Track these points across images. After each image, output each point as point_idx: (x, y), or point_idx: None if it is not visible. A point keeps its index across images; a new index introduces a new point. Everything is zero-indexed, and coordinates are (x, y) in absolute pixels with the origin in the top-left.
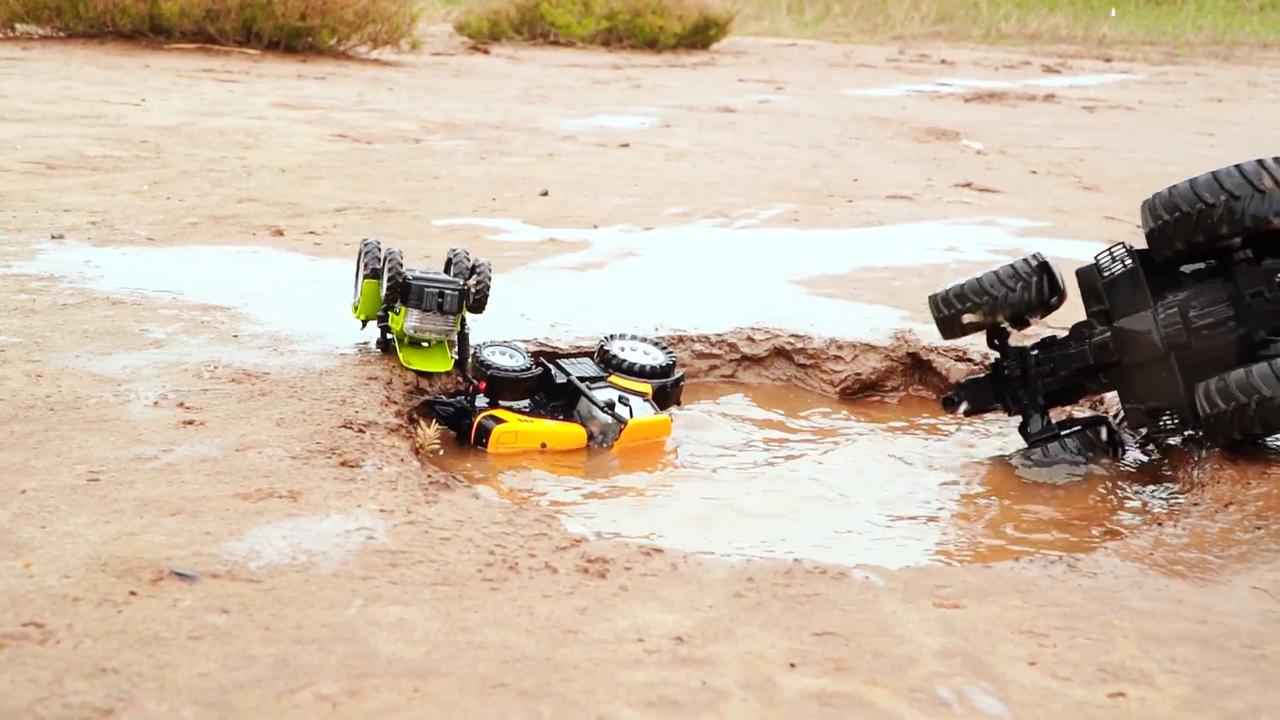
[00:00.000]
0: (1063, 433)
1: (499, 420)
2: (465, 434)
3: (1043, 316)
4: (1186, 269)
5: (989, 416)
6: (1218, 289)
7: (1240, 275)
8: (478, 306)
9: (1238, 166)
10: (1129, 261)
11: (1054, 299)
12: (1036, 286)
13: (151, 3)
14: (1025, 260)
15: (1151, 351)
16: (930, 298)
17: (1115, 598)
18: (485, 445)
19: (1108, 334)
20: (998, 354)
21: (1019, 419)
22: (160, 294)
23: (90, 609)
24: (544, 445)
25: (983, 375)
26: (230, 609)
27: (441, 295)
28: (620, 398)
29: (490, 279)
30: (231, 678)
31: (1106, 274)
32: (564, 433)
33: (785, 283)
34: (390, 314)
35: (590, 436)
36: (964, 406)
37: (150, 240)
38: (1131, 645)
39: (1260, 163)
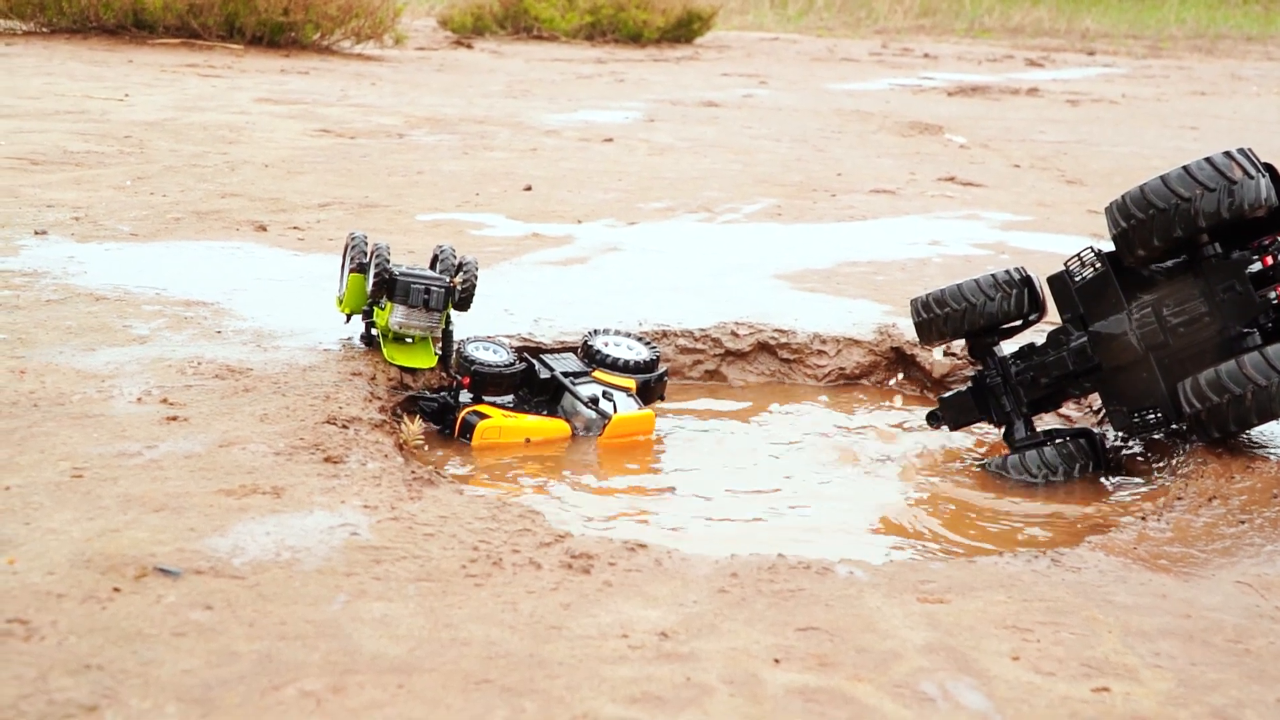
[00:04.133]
0: (1046, 443)
1: (483, 415)
2: (450, 429)
3: (1020, 330)
4: (1156, 268)
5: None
6: (1190, 286)
7: (1210, 270)
8: (463, 304)
9: (1208, 159)
10: (1099, 265)
11: (1033, 314)
12: (1016, 299)
13: None
14: (1008, 271)
15: (1130, 353)
16: (911, 302)
17: (1099, 592)
18: (469, 440)
19: (1084, 339)
20: (979, 365)
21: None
22: (143, 290)
23: (74, 605)
24: (528, 440)
25: (963, 390)
26: (214, 605)
27: (428, 292)
28: (604, 393)
29: (476, 277)
30: (215, 674)
31: (1078, 279)
32: (548, 427)
33: (769, 277)
34: (375, 309)
35: (574, 431)
36: (946, 425)
37: (133, 236)
38: (1115, 640)
39: (1228, 154)
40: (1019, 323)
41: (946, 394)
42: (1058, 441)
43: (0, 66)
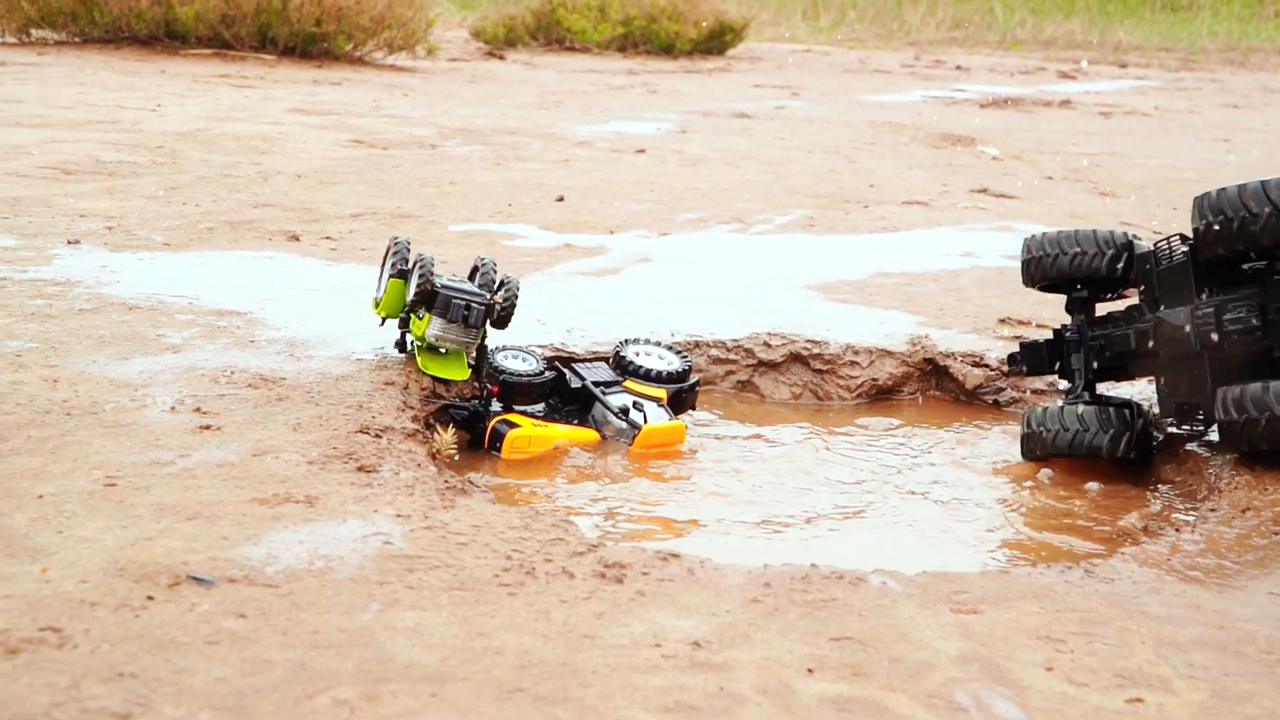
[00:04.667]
0: (1089, 400)
1: (513, 425)
2: (480, 438)
3: (1115, 294)
4: (1244, 267)
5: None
6: (1252, 296)
7: (1271, 288)
8: (502, 323)
9: None
10: (1181, 254)
11: (1125, 280)
12: (1110, 259)
13: (167, 8)
14: (1112, 231)
15: (1184, 347)
16: (1024, 241)
17: (1132, 603)
18: (499, 450)
19: (1150, 322)
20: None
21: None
22: (176, 299)
23: (107, 613)
24: (558, 449)
25: (1042, 340)
26: (247, 613)
27: (468, 309)
28: (634, 403)
29: (518, 296)
30: (248, 682)
31: (1161, 263)
32: (578, 437)
33: (801, 288)
34: (412, 317)
35: (604, 440)
36: (1024, 368)
37: (166, 245)
38: (1149, 651)
39: None
40: (1113, 286)
41: (1028, 340)
42: (1100, 404)
43: (33, 76)
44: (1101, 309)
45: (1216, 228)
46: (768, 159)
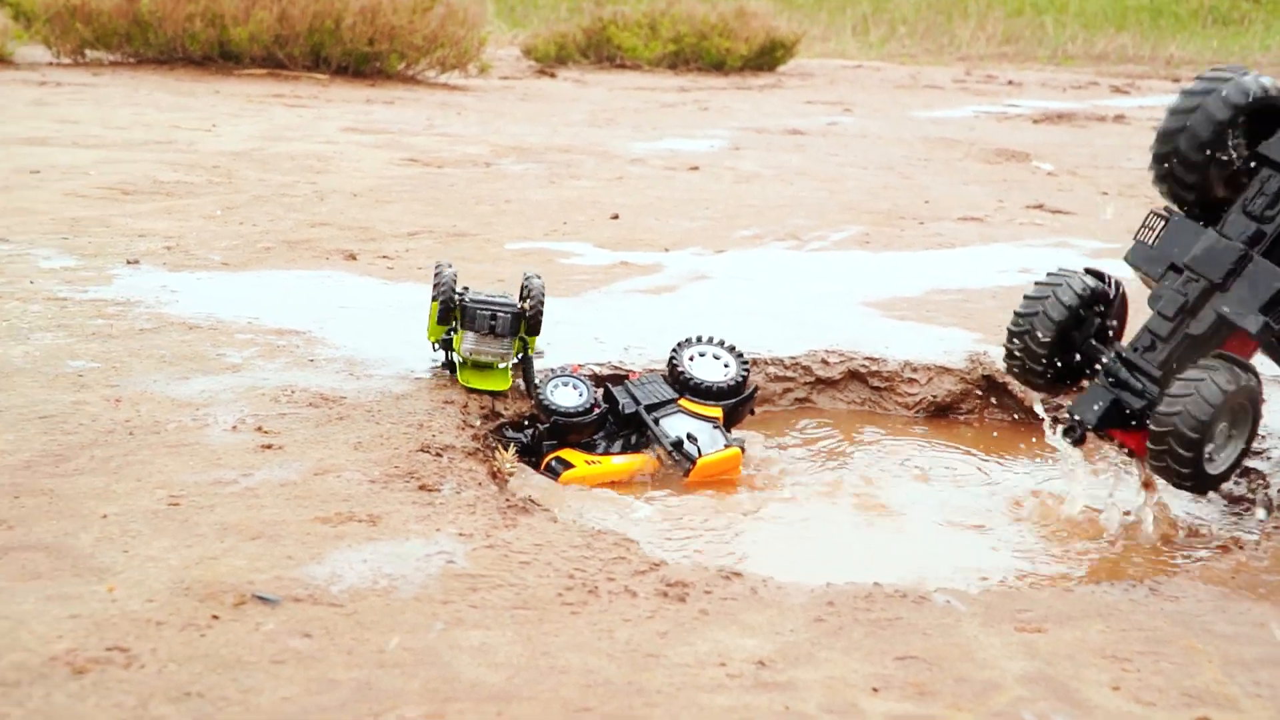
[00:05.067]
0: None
1: (566, 464)
2: (537, 465)
3: None
4: None
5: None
6: None
7: None
8: (533, 328)
9: None
10: None
11: None
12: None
13: (220, 29)
14: None
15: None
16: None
17: (1198, 621)
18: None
19: None
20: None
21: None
22: (236, 318)
23: (174, 633)
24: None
25: None
26: (312, 633)
27: (494, 318)
28: (689, 435)
29: (543, 298)
30: (315, 701)
31: None
32: (633, 469)
33: (857, 305)
34: (454, 336)
35: (661, 465)
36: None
37: (224, 265)
38: (1215, 670)
39: None
40: None
41: None
42: None
43: (88, 97)
44: None
45: None
46: (822, 175)
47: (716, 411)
